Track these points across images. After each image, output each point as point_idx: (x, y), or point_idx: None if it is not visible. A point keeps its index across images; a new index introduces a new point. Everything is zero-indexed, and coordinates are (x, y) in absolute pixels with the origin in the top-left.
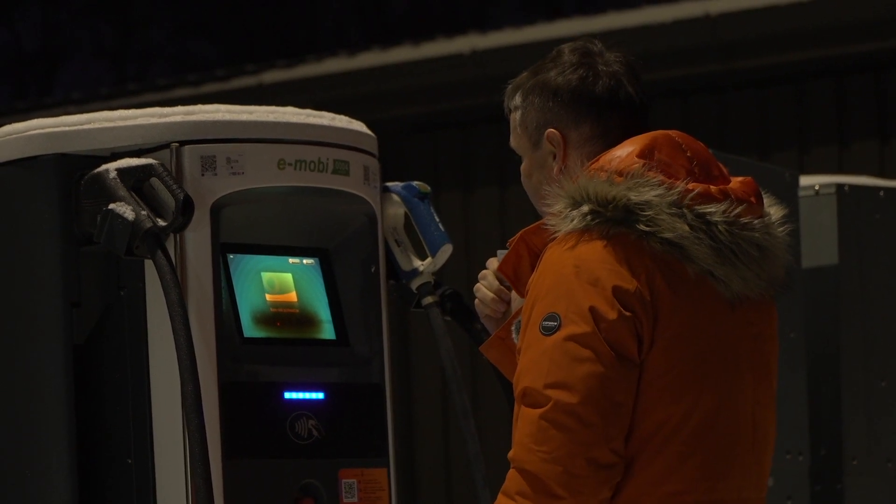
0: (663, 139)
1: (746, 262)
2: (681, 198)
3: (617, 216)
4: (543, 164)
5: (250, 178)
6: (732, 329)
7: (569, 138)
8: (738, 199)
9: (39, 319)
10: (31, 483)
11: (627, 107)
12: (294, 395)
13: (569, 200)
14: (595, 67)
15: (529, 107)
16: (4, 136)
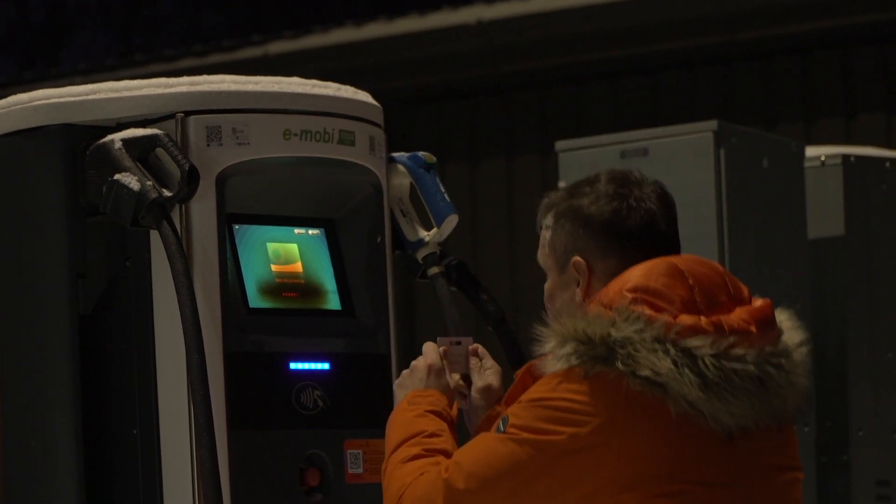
0: (662, 267)
1: (739, 395)
2: (665, 332)
3: (600, 353)
4: (566, 289)
5: (256, 148)
6: (733, 464)
7: (594, 268)
8: (733, 331)
9: (45, 290)
10: (37, 453)
11: (657, 243)
12: (299, 366)
13: (558, 339)
14: (629, 201)
15: (560, 230)
16: (10, 106)
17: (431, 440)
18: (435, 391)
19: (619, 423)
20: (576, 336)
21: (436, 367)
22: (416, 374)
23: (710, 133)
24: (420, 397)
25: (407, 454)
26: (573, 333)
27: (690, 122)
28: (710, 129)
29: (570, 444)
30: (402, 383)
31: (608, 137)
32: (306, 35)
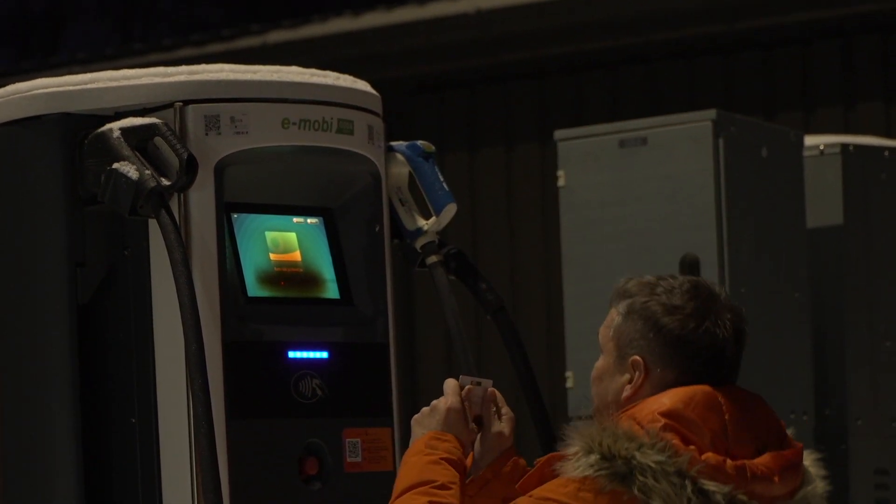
0: (702, 397)
1: None
2: (688, 467)
3: (620, 471)
4: (616, 378)
5: (254, 137)
6: None
7: (651, 373)
8: (755, 477)
9: (43, 279)
10: (35, 442)
11: (719, 371)
12: (298, 355)
13: (584, 446)
14: (707, 324)
15: (630, 324)
16: (8, 95)
17: (440, 492)
18: (453, 437)
19: None
20: (602, 451)
21: (456, 409)
22: (436, 414)
23: (709, 122)
24: (438, 441)
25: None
26: (599, 447)
27: (689, 111)
28: (708, 118)
29: None
30: (421, 421)
31: (607, 126)
32: (305, 25)
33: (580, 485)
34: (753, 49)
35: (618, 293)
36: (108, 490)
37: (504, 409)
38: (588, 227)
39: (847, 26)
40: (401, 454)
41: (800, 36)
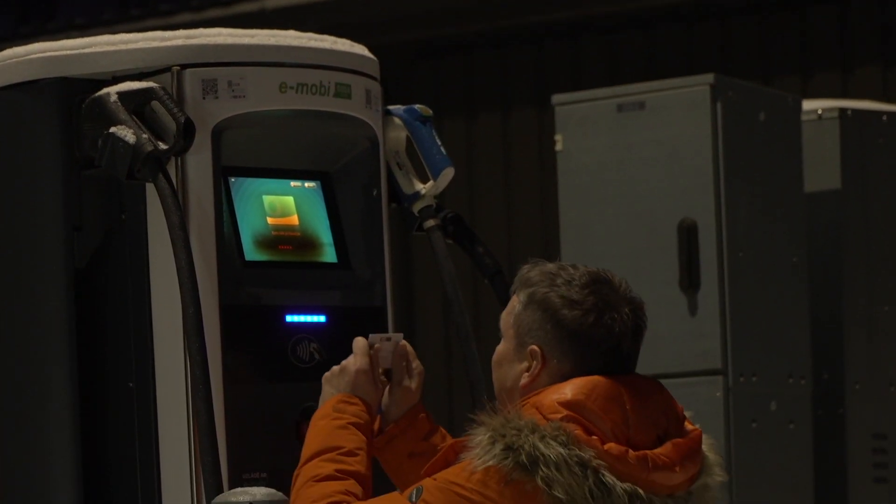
0: (603, 388)
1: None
2: (590, 458)
3: (523, 462)
4: (515, 365)
5: (252, 101)
6: None
7: (548, 363)
8: (656, 466)
9: (41, 243)
10: (32, 405)
11: (616, 363)
12: (295, 319)
13: (489, 436)
14: (605, 318)
15: (530, 314)
16: (6, 59)
17: (347, 459)
18: (360, 401)
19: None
20: (507, 441)
21: (364, 371)
22: (345, 375)
23: (707, 86)
24: (345, 404)
25: (321, 471)
26: (504, 437)
27: (687, 75)
28: (706, 82)
29: None
30: (331, 380)
31: (605, 91)
32: None
33: (484, 472)
34: (751, 14)
35: (520, 281)
36: (106, 454)
37: (415, 363)
38: (585, 192)
39: None
40: None
41: (797, 1)
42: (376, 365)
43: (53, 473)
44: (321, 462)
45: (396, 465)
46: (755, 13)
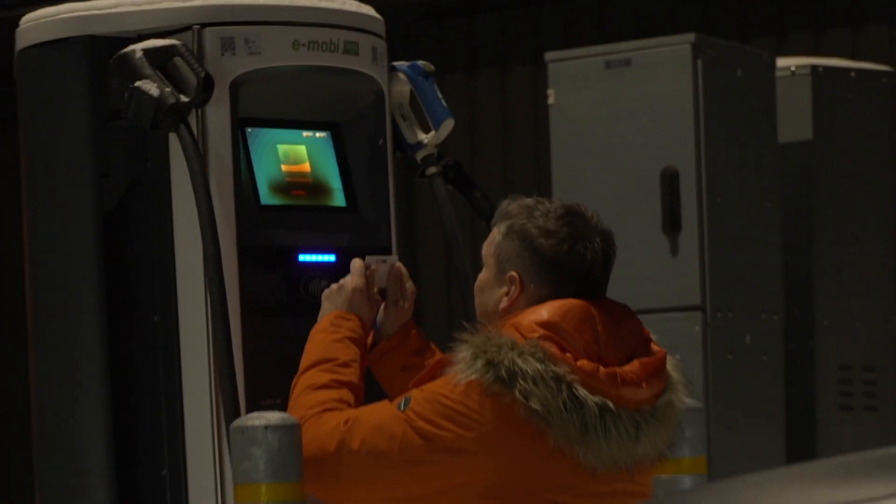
0: (577, 311)
1: (612, 444)
2: (564, 374)
3: (503, 377)
4: (495, 290)
5: (267, 57)
6: (590, 492)
7: (526, 288)
8: (625, 382)
9: (72, 189)
10: (63, 336)
11: (588, 288)
12: (308, 258)
13: (472, 352)
14: (578, 247)
15: (509, 243)
16: (38, 19)
17: (341, 370)
18: (355, 317)
19: (502, 440)
20: (488, 357)
21: (360, 290)
22: (343, 294)
23: (689, 45)
24: (342, 320)
25: (317, 380)
26: (485, 353)
27: (671, 34)
28: (688, 41)
29: (455, 442)
30: (330, 297)
31: (594, 49)
32: None
33: (467, 385)
34: None
35: (500, 214)
36: (132, 383)
37: (408, 283)
38: (576, 142)
39: None
40: None
41: None
42: (372, 284)
43: (83, 400)
44: (318, 372)
45: (389, 378)
46: None
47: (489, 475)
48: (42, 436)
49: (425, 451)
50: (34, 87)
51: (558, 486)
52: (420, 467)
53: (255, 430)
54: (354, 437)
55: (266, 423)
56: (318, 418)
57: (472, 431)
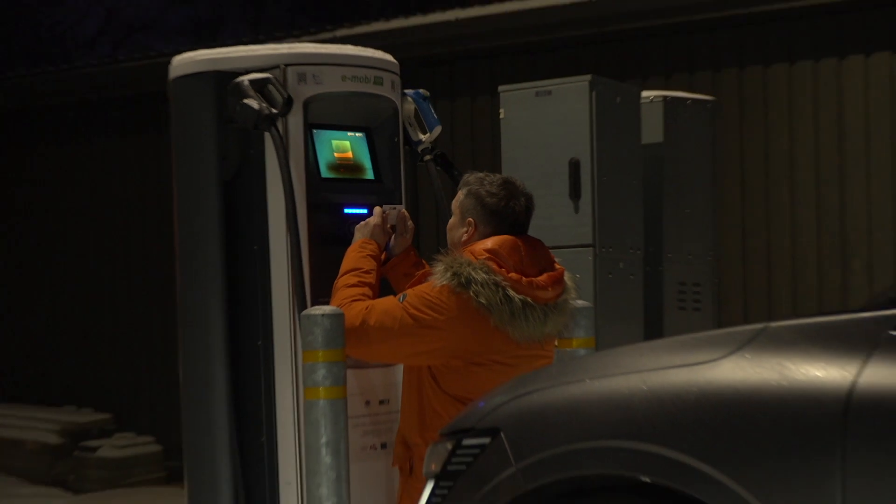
0: (509, 243)
1: (530, 324)
2: (500, 280)
3: (463, 282)
4: (458, 230)
5: (326, 86)
6: (516, 355)
7: (478, 228)
8: (538, 286)
9: (203, 167)
10: (199, 259)
11: (515, 229)
12: (350, 211)
13: (445, 266)
14: (510, 202)
15: (468, 200)
16: (183, 60)
17: (365, 275)
18: (375, 243)
19: (461, 320)
20: (454, 270)
21: (378, 225)
22: (367, 227)
23: (587, 82)
24: (367, 244)
25: (350, 282)
26: (452, 268)
27: (577, 75)
28: (586, 79)
29: (432, 322)
30: (360, 229)
31: (529, 84)
32: (356, 25)
33: (441, 287)
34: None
35: (463, 182)
36: (239, 293)
37: (409, 223)
38: (519, 143)
39: (673, 28)
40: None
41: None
42: (386, 222)
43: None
44: (349, 276)
45: (396, 281)
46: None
47: (454, 342)
48: (186, 396)
49: (415, 326)
50: (181, 104)
51: (496, 350)
52: (411, 336)
53: (315, 317)
54: (371, 317)
55: (322, 312)
56: (349, 305)
57: (443, 315)
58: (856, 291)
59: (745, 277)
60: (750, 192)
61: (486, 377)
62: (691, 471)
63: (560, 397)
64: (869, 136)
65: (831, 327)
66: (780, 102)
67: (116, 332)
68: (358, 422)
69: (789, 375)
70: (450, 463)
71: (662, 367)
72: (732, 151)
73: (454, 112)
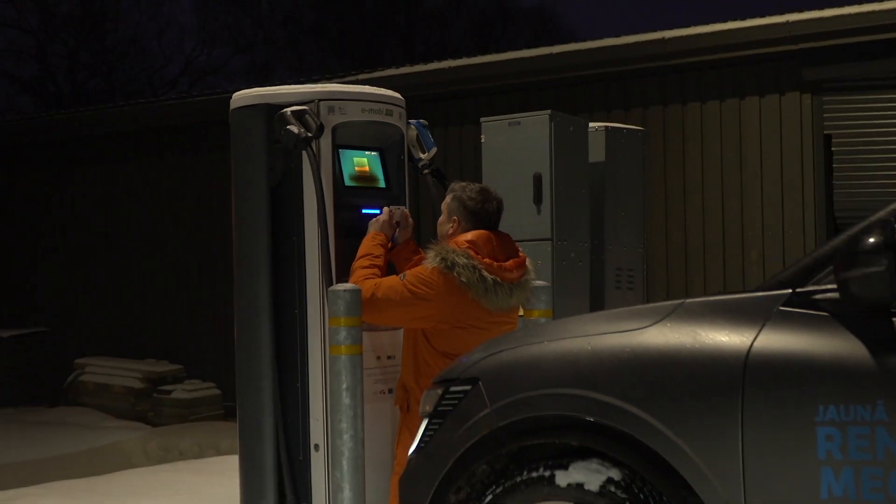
0: (484, 236)
1: (499, 297)
2: (477, 264)
3: (449, 265)
4: (446, 226)
5: (349, 115)
6: (488, 321)
7: (461, 225)
8: (505, 269)
9: (255, 176)
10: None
11: (489, 225)
12: (367, 210)
13: (436, 252)
14: (485, 205)
15: (453, 203)
16: (244, 95)
17: (376, 259)
18: (383, 234)
19: (448, 294)
20: (443, 256)
21: (386, 221)
22: (378, 223)
23: (547, 115)
24: (377, 235)
25: (364, 264)
26: (441, 254)
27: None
28: (547, 113)
29: (425, 294)
30: (372, 224)
31: (504, 116)
32: (374, 70)
33: (432, 269)
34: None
35: (450, 189)
36: (282, 274)
37: (410, 220)
38: (496, 161)
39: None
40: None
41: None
42: (392, 219)
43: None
44: (364, 260)
45: (399, 264)
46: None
47: (442, 311)
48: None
49: (412, 298)
50: (239, 129)
51: (474, 317)
52: (409, 306)
53: (339, 292)
54: (380, 291)
55: (344, 288)
56: (363, 282)
57: (433, 290)
58: (752, 277)
59: (667, 265)
60: (671, 200)
61: (465, 337)
62: (624, 412)
63: (525, 355)
64: (762, 159)
65: (734, 303)
66: (694, 132)
67: (188, 303)
68: (370, 372)
69: (701, 340)
70: (440, 405)
71: (603, 333)
72: (657, 169)
73: (447, 137)
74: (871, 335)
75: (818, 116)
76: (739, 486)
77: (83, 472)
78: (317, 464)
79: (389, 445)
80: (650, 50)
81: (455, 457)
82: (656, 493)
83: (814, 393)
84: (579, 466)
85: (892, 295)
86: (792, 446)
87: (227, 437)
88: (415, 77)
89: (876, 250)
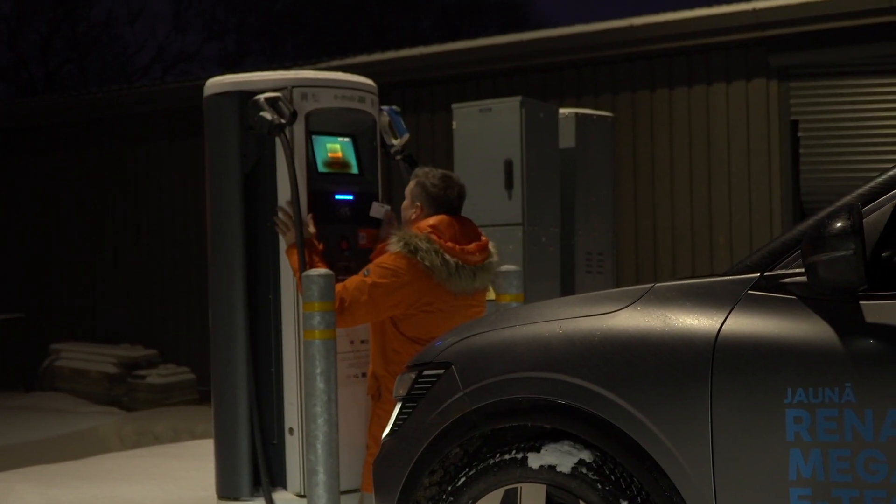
0: (447, 220)
1: (462, 280)
2: (439, 248)
3: (412, 250)
4: (410, 211)
5: (323, 102)
6: (453, 304)
7: (424, 210)
8: (468, 252)
9: (229, 162)
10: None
11: (451, 210)
12: (340, 197)
13: (398, 238)
14: (447, 191)
15: (416, 188)
16: (218, 82)
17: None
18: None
19: (415, 280)
20: (405, 241)
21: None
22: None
23: (518, 101)
24: (290, 248)
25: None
26: (405, 239)
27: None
28: (517, 100)
29: (391, 283)
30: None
31: (475, 103)
32: (346, 57)
33: (396, 255)
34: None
35: (413, 175)
36: (256, 259)
37: (393, 220)
38: (467, 147)
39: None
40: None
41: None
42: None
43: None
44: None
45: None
46: (547, 70)
47: (411, 296)
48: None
49: (378, 292)
50: (212, 115)
51: (440, 300)
52: (379, 300)
53: (313, 277)
54: (348, 296)
55: (318, 273)
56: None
57: (400, 278)
58: (720, 261)
59: (636, 249)
60: (640, 185)
61: (432, 321)
62: (595, 394)
63: (497, 339)
64: (729, 144)
65: (703, 287)
66: (662, 119)
67: (162, 289)
68: (344, 356)
69: (671, 323)
70: (413, 389)
71: (574, 317)
72: (626, 154)
73: (419, 123)
74: (838, 318)
75: (785, 102)
76: (709, 467)
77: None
78: (291, 447)
79: (363, 429)
80: (619, 37)
81: (429, 440)
82: (627, 475)
83: (782, 376)
84: (551, 449)
85: (858, 279)
86: (761, 429)
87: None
88: (387, 64)
89: (843, 234)
